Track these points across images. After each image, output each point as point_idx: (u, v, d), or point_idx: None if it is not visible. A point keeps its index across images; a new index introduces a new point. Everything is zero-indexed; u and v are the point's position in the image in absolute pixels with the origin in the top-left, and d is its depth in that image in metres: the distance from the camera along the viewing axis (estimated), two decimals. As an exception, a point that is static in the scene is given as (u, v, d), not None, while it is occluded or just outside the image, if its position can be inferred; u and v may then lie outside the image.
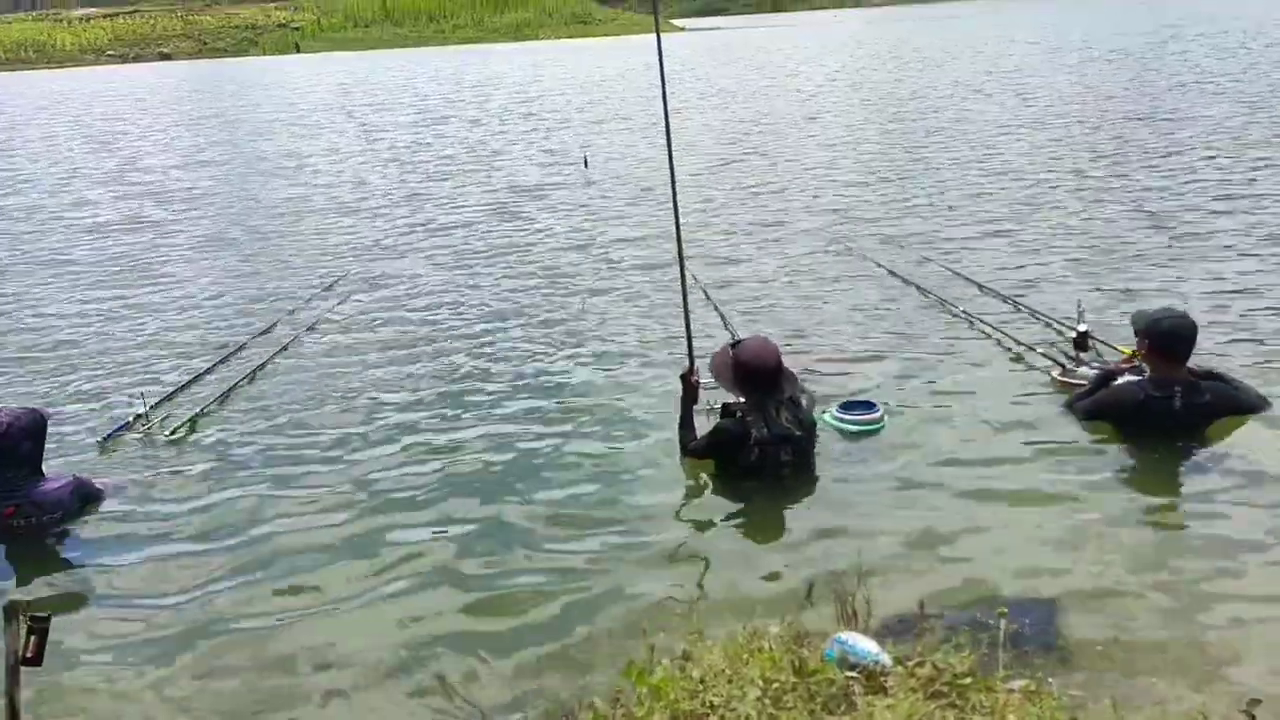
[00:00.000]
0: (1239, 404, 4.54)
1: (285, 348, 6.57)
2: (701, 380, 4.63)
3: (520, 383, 5.79)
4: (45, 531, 4.23)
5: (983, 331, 6.01)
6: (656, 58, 4.79)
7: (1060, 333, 5.72)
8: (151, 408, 5.43)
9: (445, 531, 4.14)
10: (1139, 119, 14.68)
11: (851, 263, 7.92)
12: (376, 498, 4.47)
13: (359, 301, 7.78)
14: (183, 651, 3.43)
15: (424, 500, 4.43)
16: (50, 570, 4.07)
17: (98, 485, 4.54)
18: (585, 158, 14.29)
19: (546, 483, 4.50)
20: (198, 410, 5.49)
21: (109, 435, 5.19)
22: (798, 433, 4.32)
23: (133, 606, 3.75)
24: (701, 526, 4.09)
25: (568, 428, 5.08)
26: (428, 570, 3.85)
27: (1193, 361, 4.55)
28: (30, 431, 4.28)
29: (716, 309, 6.60)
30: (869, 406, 4.86)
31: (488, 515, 4.24)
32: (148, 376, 6.28)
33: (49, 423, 4.51)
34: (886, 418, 4.81)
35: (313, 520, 4.31)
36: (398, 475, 4.67)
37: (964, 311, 6.32)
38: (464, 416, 5.34)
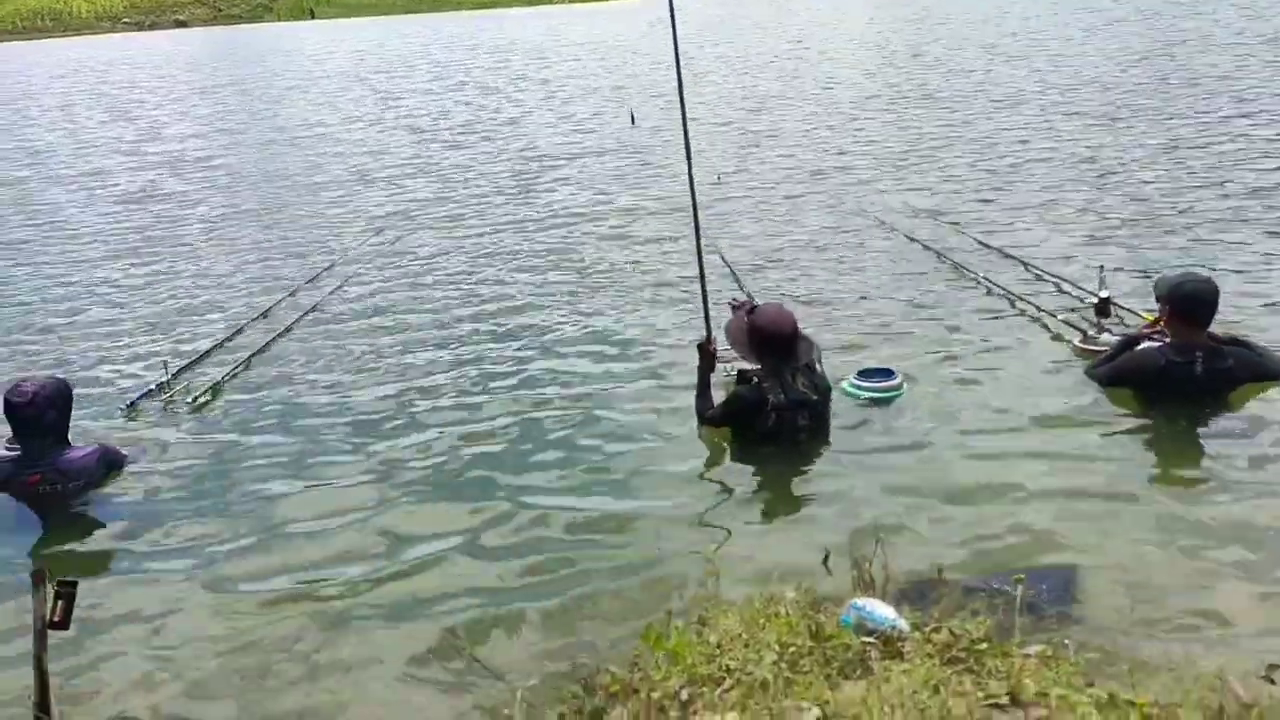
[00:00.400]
0: (1263, 370, 4.49)
1: (301, 319, 6.61)
2: (719, 350, 4.63)
3: (540, 352, 5.79)
4: (72, 497, 4.28)
5: (1004, 299, 5.95)
6: (672, 23, 4.73)
7: (1083, 300, 5.66)
8: (174, 375, 5.48)
9: (463, 500, 4.17)
10: (1169, 82, 14.38)
11: (872, 231, 7.85)
12: (395, 467, 4.50)
13: (380, 270, 7.80)
14: (205, 618, 3.49)
15: (442, 469, 4.46)
16: (77, 537, 4.13)
17: (123, 453, 4.60)
18: (632, 114, 14.24)
19: (563, 454, 4.51)
20: (219, 378, 5.54)
21: (132, 403, 5.25)
22: (814, 398, 4.32)
23: (157, 573, 3.81)
24: (718, 493, 4.10)
25: (584, 399, 5.08)
26: (446, 538, 3.88)
27: (1221, 329, 4.49)
28: (55, 400, 4.31)
29: (735, 277, 6.57)
30: (888, 374, 4.84)
31: (504, 485, 4.26)
32: (169, 345, 6.33)
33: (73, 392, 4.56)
34: (905, 384, 4.80)
35: (331, 488, 4.35)
36: (415, 445, 4.70)
37: (985, 279, 6.26)
38: (483, 382, 5.36)
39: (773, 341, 4.35)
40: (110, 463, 4.47)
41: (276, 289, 7.38)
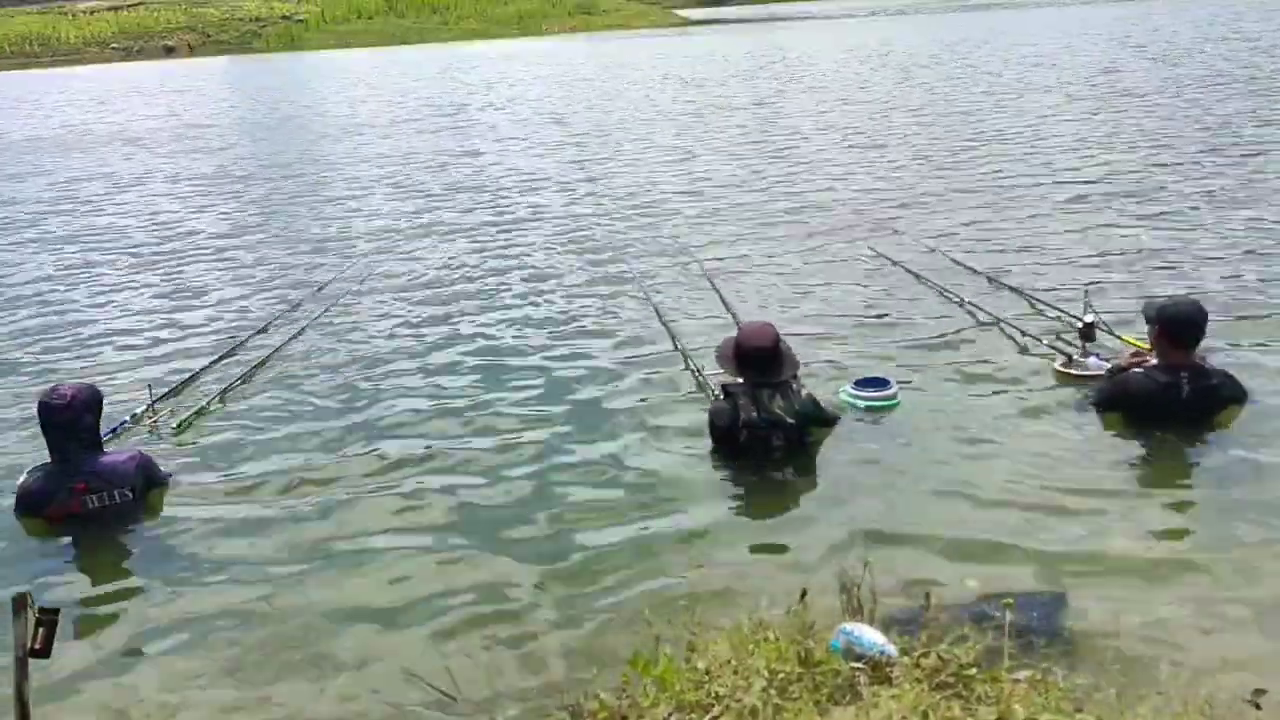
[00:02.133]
0: (1249, 391, 4.52)
1: (290, 341, 6.60)
2: (708, 369, 4.67)
3: (522, 380, 5.77)
4: (120, 512, 4.22)
5: (990, 323, 5.97)
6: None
7: (1071, 324, 5.68)
8: (158, 400, 5.44)
9: (448, 527, 4.15)
10: (1164, 114, 14.50)
11: (860, 255, 7.86)
12: (381, 490, 4.48)
13: (363, 296, 7.80)
14: (185, 646, 3.46)
15: (427, 494, 4.44)
16: (60, 562, 4.10)
17: (163, 470, 4.53)
18: None
19: (549, 476, 4.50)
20: (204, 402, 5.50)
21: (114, 429, 5.16)
22: (789, 420, 4.34)
23: (138, 600, 3.78)
24: (706, 517, 4.08)
25: (565, 427, 5.04)
26: (431, 565, 3.86)
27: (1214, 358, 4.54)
28: (90, 404, 4.32)
29: (723, 301, 6.59)
30: (883, 383, 4.88)
31: (489, 509, 4.25)
32: (156, 369, 6.30)
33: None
34: (901, 394, 4.83)
35: (314, 514, 4.32)
36: (400, 467, 4.69)
37: (971, 303, 6.30)
38: (465, 412, 5.33)
39: (750, 356, 4.40)
40: (150, 477, 4.42)
41: (261, 313, 7.37)
